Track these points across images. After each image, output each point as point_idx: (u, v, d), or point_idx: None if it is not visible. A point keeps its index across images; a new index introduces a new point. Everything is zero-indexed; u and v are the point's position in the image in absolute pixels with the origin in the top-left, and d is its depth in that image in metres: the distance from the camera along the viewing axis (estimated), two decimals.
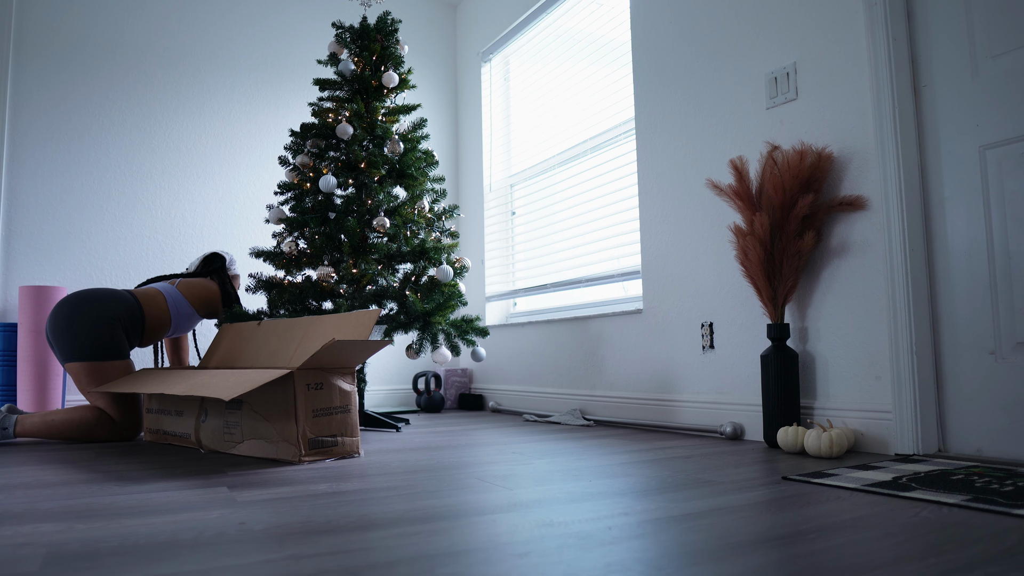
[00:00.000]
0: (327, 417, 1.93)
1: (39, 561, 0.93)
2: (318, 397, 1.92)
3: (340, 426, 1.96)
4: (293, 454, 1.85)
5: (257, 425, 1.96)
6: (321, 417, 1.91)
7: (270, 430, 1.92)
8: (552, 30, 3.53)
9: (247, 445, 1.99)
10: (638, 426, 2.71)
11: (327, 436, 1.92)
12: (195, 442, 2.16)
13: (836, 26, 2.09)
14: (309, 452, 1.86)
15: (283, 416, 1.89)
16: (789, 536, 1.03)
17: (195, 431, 2.16)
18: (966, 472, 1.55)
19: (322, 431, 1.91)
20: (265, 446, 1.93)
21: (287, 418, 1.87)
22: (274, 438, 1.91)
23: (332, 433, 1.93)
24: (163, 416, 2.33)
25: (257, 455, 1.96)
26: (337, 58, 2.91)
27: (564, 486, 1.47)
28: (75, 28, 3.36)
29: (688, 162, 2.59)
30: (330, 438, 1.93)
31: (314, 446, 1.88)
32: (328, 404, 1.94)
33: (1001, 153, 1.77)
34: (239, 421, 2.01)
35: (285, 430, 1.88)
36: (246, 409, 1.99)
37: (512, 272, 3.84)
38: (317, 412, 1.91)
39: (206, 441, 2.12)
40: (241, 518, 1.18)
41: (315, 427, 1.89)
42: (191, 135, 3.57)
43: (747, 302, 2.34)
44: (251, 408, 1.98)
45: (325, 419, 1.92)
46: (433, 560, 0.92)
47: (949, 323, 1.87)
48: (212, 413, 2.10)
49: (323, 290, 2.72)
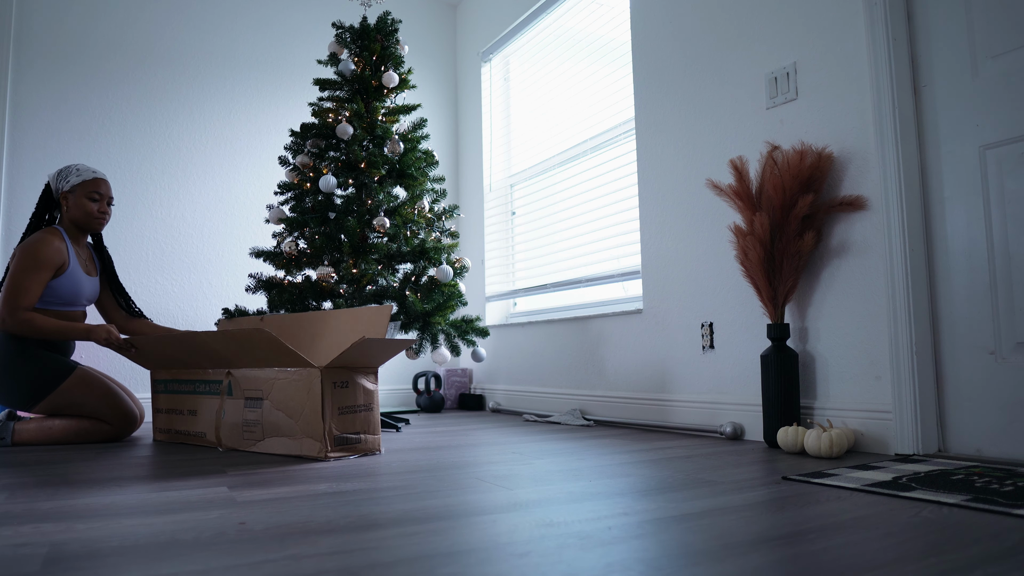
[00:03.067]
0: (351, 415, 1.97)
1: (39, 561, 0.93)
2: (344, 395, 1.96)
3: (364, 424, 2.00)
4: (319, 451, 1.88)
5: (279, 422, 1.98)
6: (346, 415, 1.96)
7: (292, 427, 1.94)
8: (552, 30, 3.54)
9: (268, 443, 2.00)
10: (638, 426, 2.71)
11: (351, 433, 1.96)
12: (214, 440, 2.16)
13: (836, 26, 2.09)
14: (335, 448, 1.90)
15: (309, 413, 1.91)
16: (789, 536, 1.03)
17: (215, 429, 2.15)
18: (966, 472, 1.55)
19: (347, 428, 1.95)
20: (288, 443, 1.95)
21: (314, 415, 1.90)
22: (297, 435, 1.93)
23: (356, 431, 1.97)
24: (175, 416, 2.33)
25: (279, 452, 1.97)
26: (337, 58, 2.91)
27: (564, 486, 1.47)
28: (75, 28, 3.36)
29: (688, 162, 2.59)
30: (354, 435, 1.97)
31: (339, 443, 1.92)
32: (353, 402, 1.98)
33: (1001, 153, 1.77)
34: (259, 419, 2.02)
35: (311, 427, 1.90)
36: (267, 407, 2.01)
37: (512, 272, 3.84)
38: (343, 410, 1.95)
39: (225, 440, 2.12)
40: (241, 518, 1.18)
41: (341, 424, 1.93)
42: (191, 135, 3.57)
43: (747, 302, 2.34)
44: (273, 405, 1.99)
45: (350, 417, 1.96)
46: (433, 560, 0.92)
47: (949, 323, 1.87)
48: (231, 411, 2.11)
49: (323, 290, 2.72)
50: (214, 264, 3.58)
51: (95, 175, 2.51)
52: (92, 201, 2.49)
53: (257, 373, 2.06)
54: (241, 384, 2.10)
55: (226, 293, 3.59)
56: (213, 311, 3.55)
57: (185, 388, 2.31)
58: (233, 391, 2.12)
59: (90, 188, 2.49)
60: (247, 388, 2.08)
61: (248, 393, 2.08)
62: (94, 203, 2.49)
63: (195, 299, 3.52)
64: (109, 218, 2.59)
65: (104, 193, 2.52)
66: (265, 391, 2.03)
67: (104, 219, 2.52)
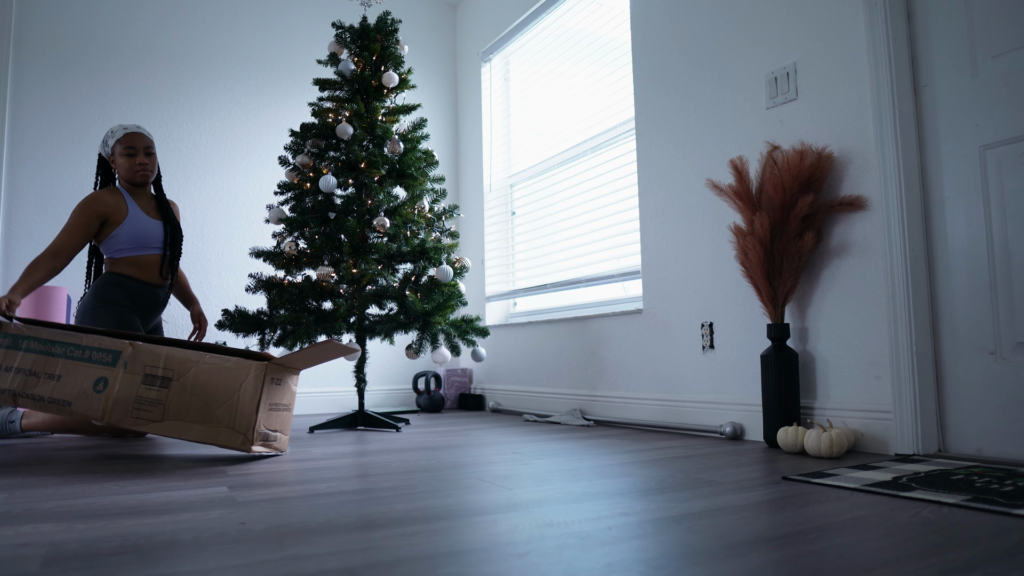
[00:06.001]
0: (276, 412, 2.00)
1: (39, 561, 0.93)
2: (276, 392, 1.98)
3: (282, 423, 2.03)
4: (241, 443, 1.87)
5: (191, 407, 1.90)
6: (273, 411, 1.98)
7: (209, 414, 1.90)
8: (552, 30, 3.53)
9: (170, 426, 1.90)
10: (638, 426, 2.71)
11: (272, 430, 1.98)
12: (80, 411, 1.98)
13: (836, 26, 2.09)
14: (257, 443, 1.91)
15: (237, 404, 1.90)
16: (789, 536, 1.03)
17: (86, 400, 1.98)
18: (966, 472, 1.55)
19: (270, 425, 1.97)
20: (201, 430, 1.89)
21: (245, 407, 1.89)
22: (213, 424, 1.89)
23: (275, 428, 1.99)
24: (30, 378, 2.07)
25: (186, 438, 1.89)
26: (337, 58, 2.91)
27: (564, 486, 1.47)
28: (75, 29, 3.36)
29: (688, 162, 2.59)
30: (273, 432, 1.98)
31: (262, 438, 1.93)
32: (280, 400, 2.01)
33: (1001, 153, 1.77)
34: (162, 400, 1.93)
35: (234, 418, 1.89)
36: (178, 389, 1.93)
37: (512, 272, 3.84)
38: (272, 406, 1.97)
39: (111, 416, 1.95)
40: (241, 518, 1.18)
41: (268, 420, 1.95)
42: (191, 135, 3.57)
43: (747, 302, 2.34)
44: (187, 388, 1.92)
45: (275, 414, 1.99)
46: (433, 560, 0.92)
47: (949, 323, 1.87)
48: (123, 386, 1.96)
49: (323, 290, 2.72)
50: (214, 264, 3.58)
51: (126, 130, 2.54)
52: (129, 156, 2.53)
53: (171, 352, 1.96)
54: (143, 359, 1.97)
55: (226, 293, 3.59)
56: (213, 311, 3.55)
57: (56, 351, 2.07)
58: (130, 365, 1.98)
59: (125, 144, 2.52)
60: (150, 365, 1.96)
61: (150, 370, 1.96)
62: (131, 157, 2.53)
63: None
64: (153, 167, 2.57)
65: (138, 145, 2.53)
66: (178, 372, 1.93)
67: (144, 170, 2.54)
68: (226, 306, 3.59)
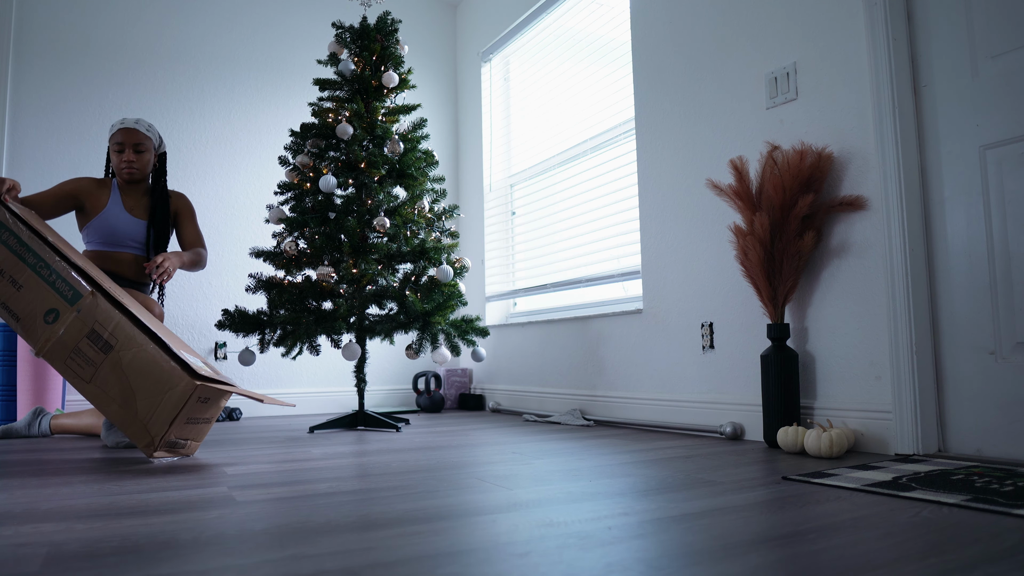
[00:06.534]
0: (194, 425, 1.95)
1: (39, 561, 0.93)
2: (200, 408, 1.94)
3: (197, 433, 2.00)
4: (146, 444, 1.84)
5: (117, 386, 1.86)
6: (190, 424, 1.93)
7: (131, 401, 1.85)
8: (552, 30, 3.53)
9: (94, 392, 1.86)
10: (638, 426, 2.71)
11: (182, 439, 1.94)
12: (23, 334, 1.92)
13: (836, 26, 2.09)
14: (161, 449, 1.87)
15: (156, 409, 1.84)
16: (789, 536, 1.03)
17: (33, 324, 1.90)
18: (966, 472, 1.55)
19: (182, 434, 1.93)
20: (118, 413, 1.85)
21: (161, 415, 1.84)
22: (130, 414, 1.85)
23: (187, 437, 1.96)
24: None
25: (100, 409, 1.86)
26: (337, 58, 2.91)
27: (564, 486, 1.47)
28: (75, 29, 3.36)
29: (688, 162, 2.59)
30: (183, 441, 1.95)
31: (169, 446, 1.90)
32: (201, 415, 1.97)
33: (1001, 153, 1.77)
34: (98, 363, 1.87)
35: (149, 420, 1.84)
36: (114, 362, 1.87)
37: (512, 272, 3.84)
38: (191, 420, 1.92)
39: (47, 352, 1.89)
40: (242, 518, 1.18)
41: (181, 431, 1.91)
42: (191, 135, 3.57)
43: (747, 302, 2.34)
44: (124, 367, 1.87)
45: (191, 426, 1.94)
46: (433, 560, 0.92)
47: (949, 323, 1.87)
48: (70, 329, 1.89)
49: (323, 290, 2.72)
50: (214, 264, 3.58)
51: (122, 125, 2.46)
52: (117, 152, 2.46)
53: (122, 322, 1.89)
54: (97, 315, 1.89)
55: (226, 293, 3.59)
56: (213, 311, 3.55)
57: (28, 258, 1.95)
58: (83, 312, 1.89)
59: (114, 140, 2.46)
60: (100, 323, 1.88)
61: (99, 328, 1.88)
62: (119, 154, 2.46)
63: (195, 299, 3.52)
64: (141, 166, 2.46)
65: (126, 142, 2.43)
66: (120, 345, 1.87)
67: (130, 167, 2.44)
68: (226, 306, 3.59)
